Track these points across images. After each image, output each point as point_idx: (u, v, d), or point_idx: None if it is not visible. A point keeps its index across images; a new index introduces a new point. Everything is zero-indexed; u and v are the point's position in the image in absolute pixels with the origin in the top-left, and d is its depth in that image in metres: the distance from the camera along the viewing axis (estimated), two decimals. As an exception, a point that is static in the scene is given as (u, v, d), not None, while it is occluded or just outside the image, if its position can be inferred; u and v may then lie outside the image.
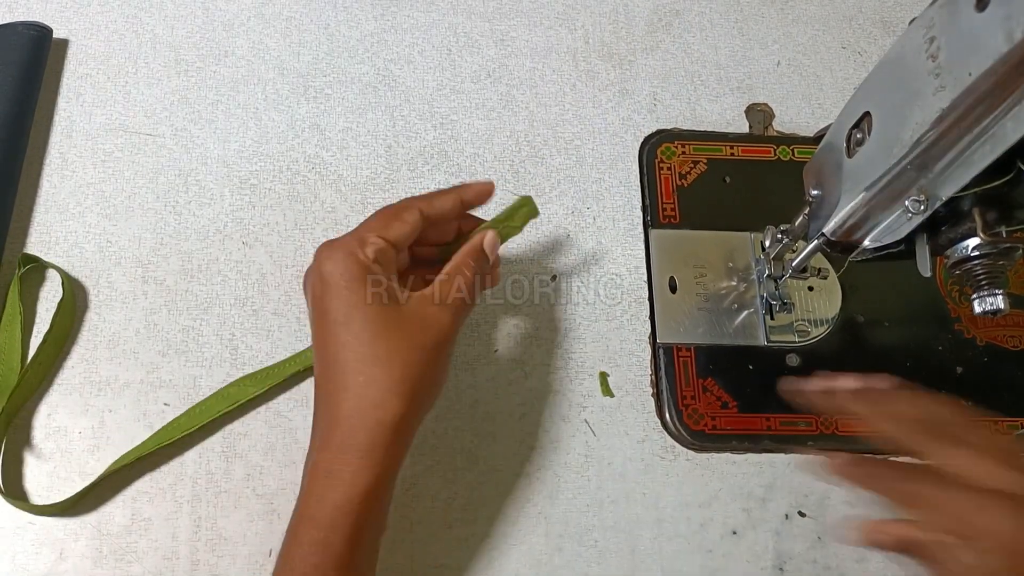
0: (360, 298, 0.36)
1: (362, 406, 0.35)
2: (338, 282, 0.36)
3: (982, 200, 0.35)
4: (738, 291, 0.51)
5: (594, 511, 0.46)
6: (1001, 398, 0.50)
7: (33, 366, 0.45)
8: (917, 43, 0.33)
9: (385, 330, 0.36)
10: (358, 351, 0.36)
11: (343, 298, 0.36)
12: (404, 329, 0.36)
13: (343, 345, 0.36)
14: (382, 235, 0.38)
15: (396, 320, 0.36)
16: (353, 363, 0.36)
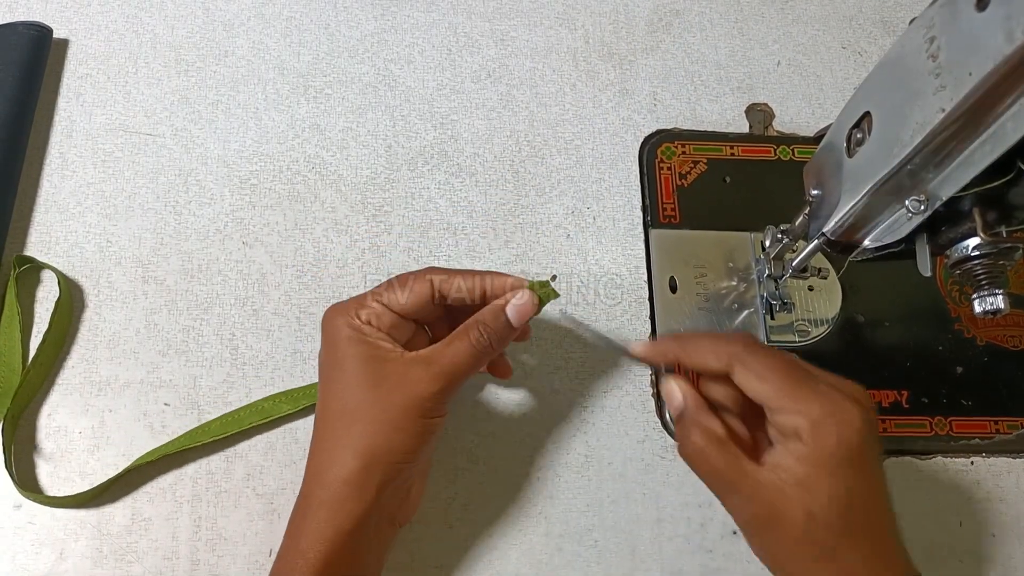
0: (345, 355, 0.36)
1: (323, 461, 0.36)
2: (329, 340, 0.37)
3: (982, 200, 0.35)
4: (738, 291, 0.51)
5: (594, 511, 0.46)
6: (1001, 398, 0.50)
7: (34, 366, 0.45)
8: (917, 43, 0.33)
9: (359, 388, 0.36)
10: (332, 406, 0.36)
11: (331, 355, 0.37)
12: (379, 387, 0.36)
13: (323, 400, 0.37)
14: (380, 300, 0.38)
15: (373, 378, 0.36)
16: (327, 419, 0.37)
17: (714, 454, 0.35)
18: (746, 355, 0.36)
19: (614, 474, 0.47)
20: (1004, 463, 0.49)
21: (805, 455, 0.33)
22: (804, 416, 0.33)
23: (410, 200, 0.53)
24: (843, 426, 0.33)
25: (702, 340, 0.37)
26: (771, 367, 0.35)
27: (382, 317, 0.37)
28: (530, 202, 0.53)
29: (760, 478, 0.34)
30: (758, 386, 0.35)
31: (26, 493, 0.42)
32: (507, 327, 0.38)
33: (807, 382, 0.34)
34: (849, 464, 0.33)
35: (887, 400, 0.49)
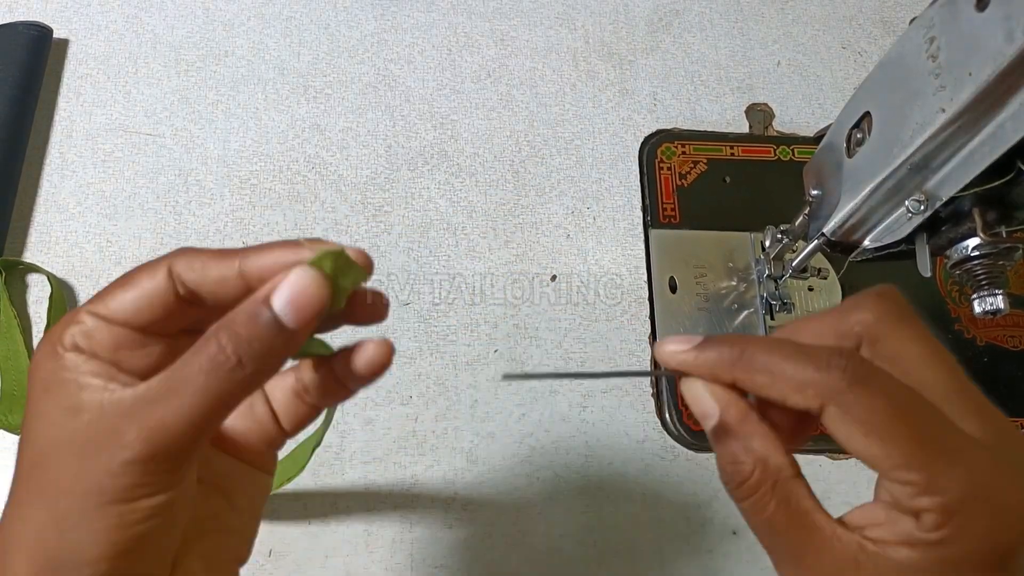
0: (35, 408, 0.23)
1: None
2: (30, 383, 0.24)
3: (982, 200, 0.35)
4: (738, 291, 0.51)
5: (594, 511, 0.46)
6: (1001, 398, 0.50)
7: None
8: (917, 43, 0.33)
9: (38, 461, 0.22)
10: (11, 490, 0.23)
11: (27, 409, 0.23)
12: (60, 459, 0.22)
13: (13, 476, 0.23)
14: (94, 309, 0.23)
15: (55, 442, 0.22)
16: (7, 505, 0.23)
17: (768, 499, 0.23)
18: (851, 393, 0.22)
19: (614, 474, 0.47)
20: (1004, 463, 0.49)
21: (925, 548, 0.21)
22: (936, 494, 0.21)
23: (410, 200, 0.53)
24: (994, 517, 0.21)
25: (780, 354, 0.23)
26: (890, 416, 0.22)
27: (94, 336, 0.23)
28: (530, 202, 0.53)
29: (839, 551, 0.23)
30: (865, 446, 0.22)
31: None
32: (275, 331, 0.22)
33: (945, 441, 0.22)
34: (996, 571, 0.21)
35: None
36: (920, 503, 0.21)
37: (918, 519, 0.22)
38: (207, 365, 0.21)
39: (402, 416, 0.47)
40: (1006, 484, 0.21)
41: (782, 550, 0.24)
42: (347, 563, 0.43)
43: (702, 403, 0.24)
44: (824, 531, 0.23)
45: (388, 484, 0.45)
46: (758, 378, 0.23)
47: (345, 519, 0.44)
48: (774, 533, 0.24)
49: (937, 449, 0.22)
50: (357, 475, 0.45)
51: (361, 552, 0.44)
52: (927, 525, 0.21)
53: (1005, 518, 0.21)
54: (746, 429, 0.24)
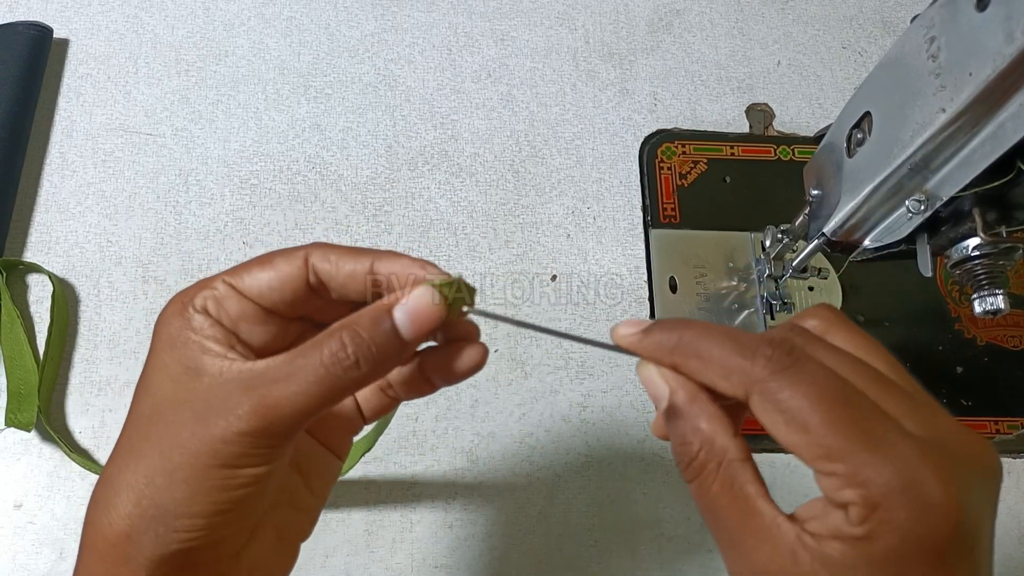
0: (156, 361, 0.25)
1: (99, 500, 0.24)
2: (156, 336, 0.25)
3: (982, 200, 0.35)
4: (738, 291, 0.51)
5: (594, 511, 0.46)
6: (1001, 398, 0.50)
7: (47, 362, 0.45)
8: (917, 43, 0.33)
9: (156, 409, 0.24)
10: (124, 434, 0.25)
11: (148, 359, 0.26)
12: (175, 414, 0.24)
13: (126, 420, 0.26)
14: (231, 280, 0.26)
15: (175, 399, 0.24)
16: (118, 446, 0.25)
17: (712, 479, 0.23)
18: (773, 382, 0.22)
19: (614, 474, 0.47)
20: (1004, 463, 0.48)
21: (852, 543, 0.21)
22: (858, 487, 0.21)
23: (410, 200, 0.53)
24: (916, 514, 0.20)
25: (712, 341, 0.24)
26: (813, 404, 0.22)
27: (225, 304, 0.25)
28: (530, 202, 0.53)
29: (777, 540, 0.22)
30: (787, 434, 0.22)
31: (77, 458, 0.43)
32: (393, 339, 0.24)
33: (871, 433, 0.21)
34: (919, 567, 0.21)
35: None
36: (844, 496, 0.21)
37: (846, 512, 0.21)
38: (328, 360, 0.23)
39: (402, 416, 0.47)
40: (933, 479, 0.21)
41: (724, 534, 0.24)
42: (347, 563, 0.43)
43: (653, 386, 0.25)
44: (765, 518, 0.23)
45: (388, 484, 0.45)
46: (691, 363, 0.24)
47: (345, 519, 0.44)
48: (717, 515, 0.23)
49: (862, 440, 0.21)
50: (357, 475, 0.45)
51: (361, 552, 0.44)
52: (852, 519, 0.21)
53: (930, 515, 0.20)
54: (693, 410, 0.24)
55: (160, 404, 0.24)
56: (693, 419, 0.24)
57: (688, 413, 0.24)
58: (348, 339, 0.23)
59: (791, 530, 0.22)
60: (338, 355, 0.23)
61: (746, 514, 0.23)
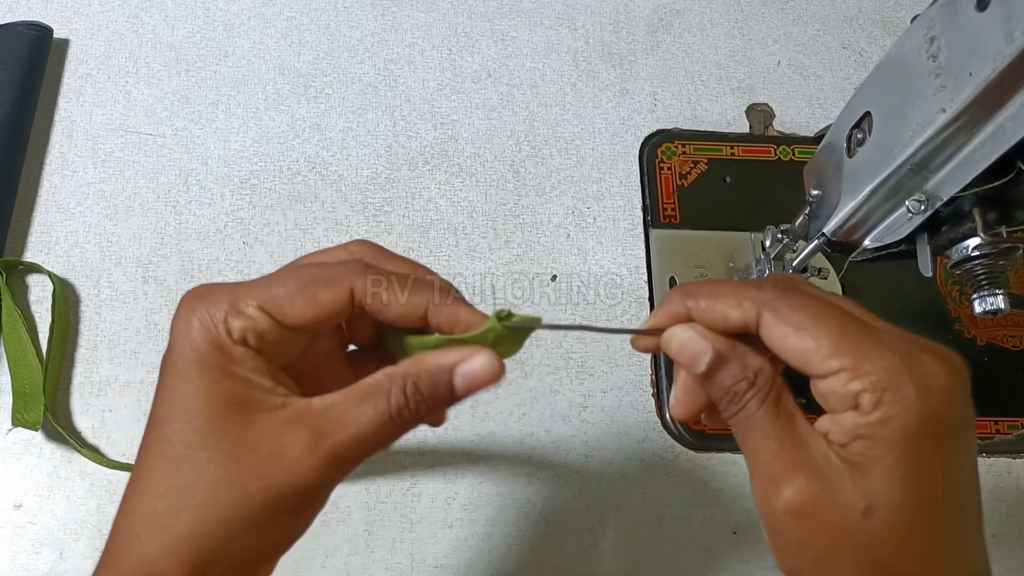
0: (192, 387, 0.23)
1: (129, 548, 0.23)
2: (180, 353, 0.24)
3: (982, 200, 0.35)
4: (738, 291, 0.51)
5: (594, 511, 0.46)
6: (1001, 398, 0.50)
7: (51, 361, 0.45)
8: (917, 43, 0.33)
9: (203, 451, 0.23)
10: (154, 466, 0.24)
11: (175, 379, 0.24)
12: (236, 461, 0.23)
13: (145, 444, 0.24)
14: (269, 308, 0.24)
15: (228, 442, 0.23)
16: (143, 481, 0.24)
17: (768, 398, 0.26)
18: (780, 300, 0.25)
19: (614, 474, 0.47)
20: (1004, 463, 0.49)
21: (867, 430, 0.23)
22: (864, 376, 0.23)
23: (410, 200, 0.53)
24: (923, 389, 0.23)
25: (719, 287, 0.27)
26: (816, 315, 0.25)
27: (266, 337, 0.24)
28: (530, 202, 0.53)
29: (812, 447, 0.25)
30: (795, 341, 0.24)
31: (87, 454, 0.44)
32: (448, 396, 0.25)
33: (868, 333, 0.24)
34: (929, 444, 0.23)
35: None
36: (854, 387, 0.23)
37: (857, 407, 0.24)
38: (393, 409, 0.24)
39: (402, 416, 0.47)
40: (932, 363, 0.23)
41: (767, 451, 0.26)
42: (347, 563, 0.43)
43: (694, 343, 0.27)
44: (803, 429, 0.25)
45: (388, 484, 0.45)
46: (702, 303, 0.27)
47: (345, 519, 0.44)
48: (765, 434, 0.26)
49: (861, 337, 0.24)
50: (357, 475, 0.45)
51: (361, 552, 0.44)
52: (865, 406, 0.23)
53: (934, 394, 0.23)
54: (740, 350, 0.26)
55: (204, 443, 0.23)
56: (741, 357, 0.26)
57: (735, 353, 0.26)
58: (412, 394, 0.24)
59: (822, 440, 0.25)
60: (402, 409, 0.24)
61: (791, 428, 0.25)
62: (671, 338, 0.27)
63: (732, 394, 0.26)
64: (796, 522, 0.25)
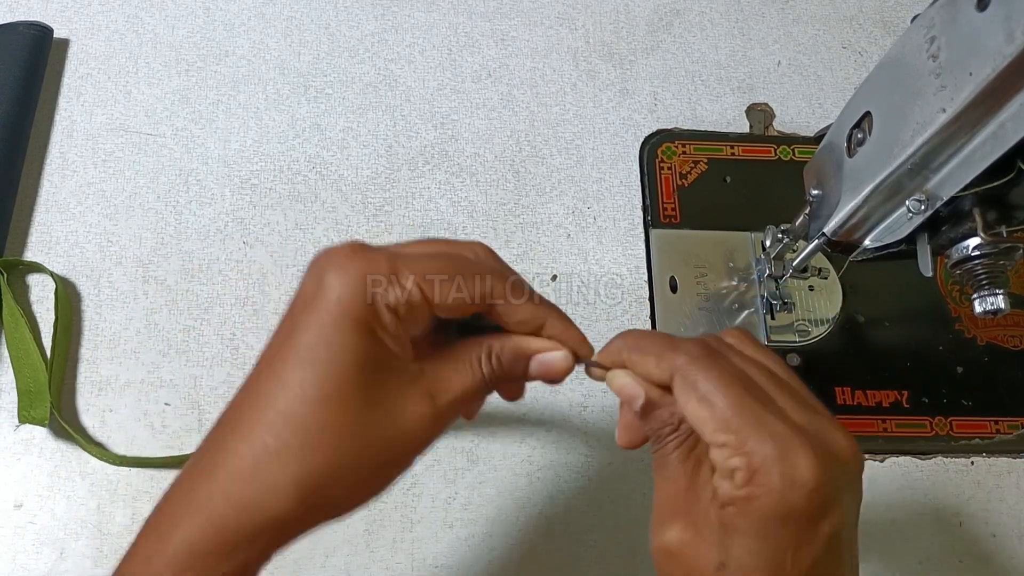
0: (340, 340, 0.26)
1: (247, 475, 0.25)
2: (334, 302, 0.26)
3: (983, 200, 0.35)
4: (739, 291, 0.51)
5: (594, 511, 0.46)
6: (1001, 398, 0.50)
7: (55, 359, 0.45)
8: (918, 43, 0.33)
9: (341, 397, 0.26)
10: (291, 402, 0.26)
11: (322, 326, 0.26)
12: (371, 410, 0.26)
13: (282, 381, 0.26)
14: (424, 287, 0.27)
15: (365, 393, 0.26)
16: (277, 411, 0.26)
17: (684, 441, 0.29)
18: (692, 368, 0.27)
19: (614, 474, 0.47)
20: (1004, 463, 0.49)
21: (739, 504, 0.26)
22: (742, 456, 0.26)
23: (410, 200, 0.53)
24: (787, 480, 0.25)
25: (650, 342, 0.30)
26: (718, 387, 0.27)
27: (416, 312, 0.27)
28: (530, 202, 0.53)
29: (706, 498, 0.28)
30: (696, 409, 0.27)
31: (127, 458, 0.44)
32: (521, 374, 0.31)
33: (760, 415, 0.26)
34: (786, 529, 0.25)
35: (887, 400, 0.49)
36: (732, 463, 0.26)
37: (731, 478, 0.26)
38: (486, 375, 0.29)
39: (402, 416, 0.47)
40: (802, 456, 0.25)
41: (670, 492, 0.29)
42: (347, 563, 0.43)
43: (630, 388, 0.30)
44: (701, 479, 0.28)
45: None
46: (633, 356, 0.30)
47: (345, 519, 0.44)
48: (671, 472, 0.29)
49: (752, 418, 0.26)
50: (357, 475, 0.45)
51: (361, 552, 0.44)
52: (737, 482, 0.26)
53: (798, 484, 0.25)
54: (668, 399, 0.29)
55: (343, 391, 0.26)
56: (669, 405, 0.29)
57: (665, 400, 0.29)
58: (496, 364, 0.30)
59: (708, 494, 0.27)
60: (490, 374, 0.29)
61: (692, 476, 0.29)
62: (613, 378, 0.31)
63: (657, 435, 0.30)
64: (667, 560, 0.28)
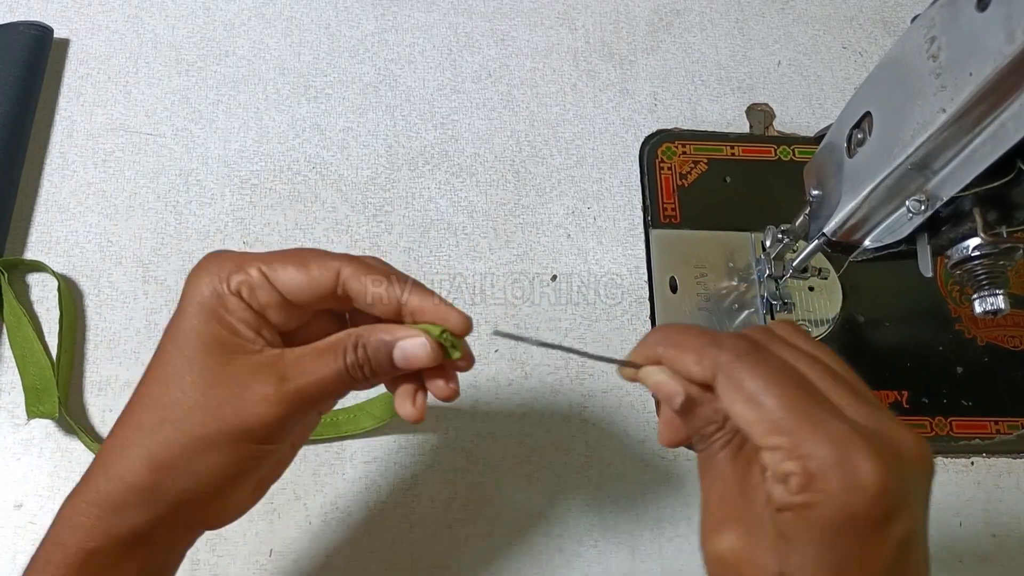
0: (189, 326, 0.29)
1: (116, 446, 0.29)
2: (184, 296, 0.30)
3: (983, 200, 0.35)
4: (739, 291, 0.51)
5: (594, 511, 0.46)
6: (1001, 398, 0.50)
7: (62, 355, 0.45)
8: (918, 43, 0.33)
9: (185, 377, 0.28)
10: (150, 385, 0.29)
11: (177, 319, 0.30)
12: (210, 389, 0.28)
13: (150, 367, 0.30)
14: (267, 271, 0.29)
15: (208, 374, 0.28)
16: (140, 396, 0.30)
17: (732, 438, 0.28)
18: (735, 366, 0.26)
19: (614, 474, 0.47)
20: (1004, 463, 0.49)
21: (796, 511, 0.24)
22: (797, 460, 0.24)
23: (410, 200, 0.53)
24: (848, 485, 0.23)
25: (689, 337, 0.28)
26: (767, 386, 0.25)
27: (258, 292, 0.29)
28: (530, 202, 0.53)
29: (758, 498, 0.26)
30: (743, 411, 0.25)
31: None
32: (389, 365, 0.30)
33: (815, 414, 0.24)
34: (848, 537, 0.24)
35: (887, 400, 0.49)
36: (786, 467, 0.24)
37: (785, 483, 0.24)
38: (348, 364, 0.29)
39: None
40: (864, 459, 0.23)
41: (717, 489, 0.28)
42: (347, 563, 0.43)
43: (667, 385, 0.29)
44: (753, 479, 0.27)
45: (388, 484, 0.45)
46: (670, 352, 0.28)
47: (345, 519, 0.44)
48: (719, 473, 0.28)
49: (806, 419, 0.24)
50: (357, 475, 0.45)
51: (361, 552, 0.44)
52: (792, 488, 0.24)
53: (859, 489, 0.23)
54: (709, 396, 0.28)
55: (188, 371, 0.28)
56: (712, 402, 0.27)
57: (707, 397, 0.28)
58: (362, 355, 0.29)
59: (762, 496, 0.26)
60: (354, 365, 0.29)
61: (743, 477, 0.27)
62: (647, 376, 0.29)
63: (701, 434, 0.28)
64: (722, 570, 0.27)
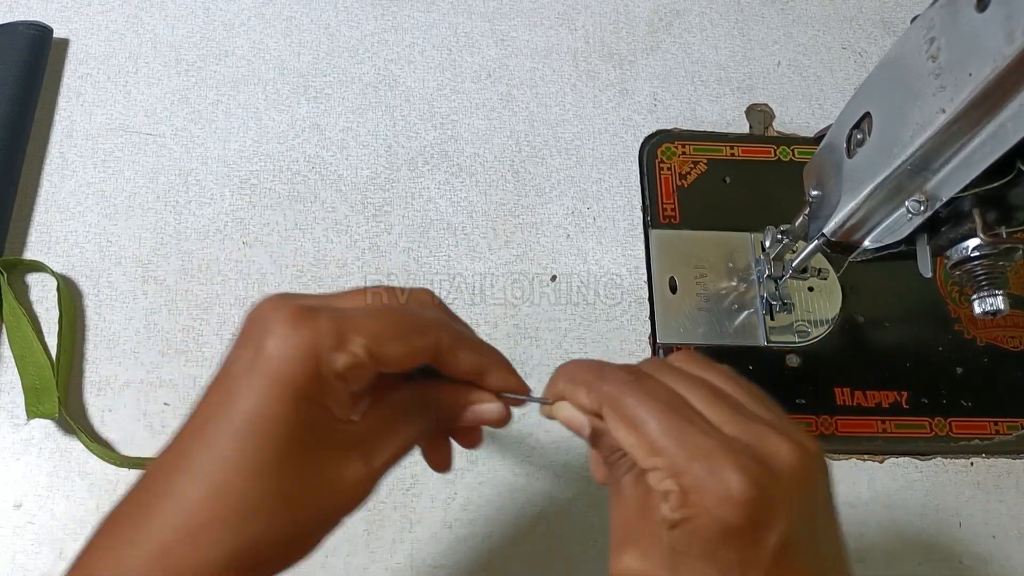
0: (285, 415, 0.25)
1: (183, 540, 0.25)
2: (275, 373, 0.25)
3: (982, 201, 0.35)
4: (738, 291, 0.51)
5: (594, 511, 0.46)
6: (1001, 399, 0.50)
7: (62, 355, 0.45)
8: (917, 43, 0.33)
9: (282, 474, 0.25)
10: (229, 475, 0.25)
11: (263, 399, 0.25)
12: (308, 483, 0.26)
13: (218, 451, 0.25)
14: (374, 348, 0.26)
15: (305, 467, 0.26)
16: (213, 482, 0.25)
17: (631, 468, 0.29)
18: (621, 394, 0.27)
19: (614, 474, 0.47)
20: (1004, 464, 0.49)
21: (675, 525, 0.25)
22: (674, 477, 0.25)
23: (410, 200, 0.53)
24: (718, 497, 0.24)
25: (580, 372, 0.30)
26: (646, 411, 0.26)
27: (361, 376, 0.26)
28: (530, 202, 0.53)
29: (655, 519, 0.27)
30: (625, 436, 0.27)
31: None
32: (455, 423, 0.32)
33: (687, 433, 0.26)
34: (728, 548, 0.25)
35: (887, 401, 0.49)
36: (665, 485, 0.25)
37: (667, 500, 0.25)
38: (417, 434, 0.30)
39: (402, 416, 0.47)
40: (732, 472, 0.24)
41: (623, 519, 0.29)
42: (347, 563, 0.43)
43: (575, 420, 0.30)
44: (653, 501, 0.27)
45: (388, 484, 0.45)
46: (567, 387, 0.30)
47: (345, 519, 0.44)
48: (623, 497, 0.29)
49: (681, 440, 0.26)
50: (357, 475, 0.45)
51: (361, 552, 0.44)
52: (673, 504, 0.25)
53: (729, 501, 0.24)
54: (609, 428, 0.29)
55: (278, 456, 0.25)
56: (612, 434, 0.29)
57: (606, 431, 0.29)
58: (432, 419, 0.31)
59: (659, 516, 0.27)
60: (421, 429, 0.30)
61: (644, 499, 0.28)
62: (558, 411, 0.31)
63: (608, 461, 0.30)
64: None
